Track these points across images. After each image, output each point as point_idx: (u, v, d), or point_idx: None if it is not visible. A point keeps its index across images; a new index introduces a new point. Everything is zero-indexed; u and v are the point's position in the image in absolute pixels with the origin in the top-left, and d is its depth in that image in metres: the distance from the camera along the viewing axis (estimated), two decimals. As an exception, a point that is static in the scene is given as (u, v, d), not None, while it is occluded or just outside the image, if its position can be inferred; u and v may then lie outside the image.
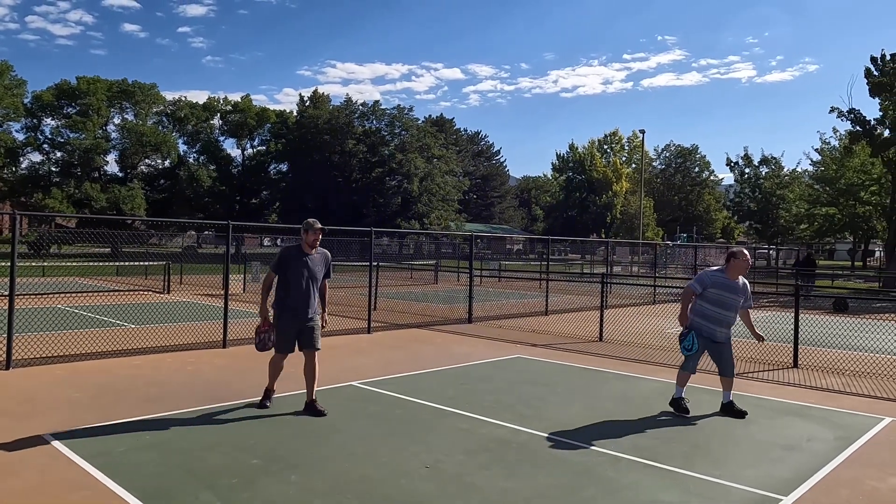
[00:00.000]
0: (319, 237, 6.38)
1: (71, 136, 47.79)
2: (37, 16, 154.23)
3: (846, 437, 6.09)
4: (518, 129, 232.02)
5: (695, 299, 6.85)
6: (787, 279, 27.29)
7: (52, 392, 7.01)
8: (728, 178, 69.11)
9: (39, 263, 23.92)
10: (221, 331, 10.19)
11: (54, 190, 44.98)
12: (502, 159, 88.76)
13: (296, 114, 57.65)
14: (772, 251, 46.43)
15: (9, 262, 8.29)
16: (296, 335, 6.38)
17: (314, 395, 6.41)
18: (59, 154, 48.83)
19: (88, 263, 24.85)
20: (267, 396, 6.56)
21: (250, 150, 58.59)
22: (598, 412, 6.76)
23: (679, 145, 74.24)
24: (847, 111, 28.60)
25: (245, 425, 5.93)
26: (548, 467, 5.03)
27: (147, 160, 53.73)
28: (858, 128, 28.54)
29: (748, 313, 7.01)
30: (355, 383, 7.76)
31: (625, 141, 77.40)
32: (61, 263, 25.39)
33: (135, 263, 24.25)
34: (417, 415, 6.46)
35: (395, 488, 4.54)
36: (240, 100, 57.01)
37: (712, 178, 74.05)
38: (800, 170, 58.77)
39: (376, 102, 55.61)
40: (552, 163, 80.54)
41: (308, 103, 57.21)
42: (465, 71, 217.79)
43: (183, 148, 55.89)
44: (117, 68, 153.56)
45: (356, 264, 26.79)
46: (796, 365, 9.68)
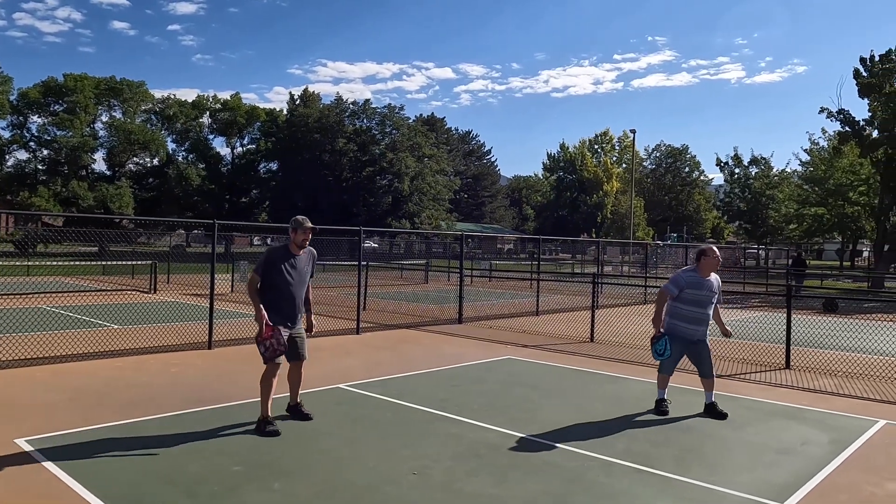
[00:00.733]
0: (309, 237, 5.89)
1: (58, 133, 47.35)
2: (25, 13, 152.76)
3: (841, 440, 6.00)
4: (509, 128, 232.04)
5: (670, 301, 6.72)
6: (777, 279, 27.34)
7: (30, 395, 6.82)
8: (718, 178, 69.29)
9: (24, 263, 23.57)
10: (207, 332, 10.01)
11: (41, 188, 44.55)
12: (493, 159, 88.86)
13: (286, 112, 57.30)
14: (761, 251, 46.62)
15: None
16: None
17: (299, 399, 6.22)
18: (45, 152, 48.35)
19: (74, 263, 24.50)
20: (270, 423, 5.67)
21: (240, 149, 58.23)
22: (590, 414, 6.64)
23: (669, 145, 74.36)
24: (836, 112, 28.64)
25: (228, 430, 5.76)
26: (538, 473, 4.90)
27: (135, 158, 53.33)
28: (848, 128, 28.57)
29: (718, 309, 6.89)
30: (343, 386, 7.60)
31: (615, 141, 77.57)
32: (47, 263, 25.04)
33: (121, 263, 23.96)
34: (406, 418, 6.32)
35: (382, 495, 4.40)
36: (229, 98, 56.60)
37: (702, 178, 74.22)
38: (789, 170, 58.99)
39: (367, 101, 55.37)
40: (543, 162, 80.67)
41: (298, 102, 56.89)
42: (456, 70, 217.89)
43: (172, 146, 55.51)
44: (106, 66, 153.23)
45: (345, 264, 26.58)
46: (788, 366, 9.61)
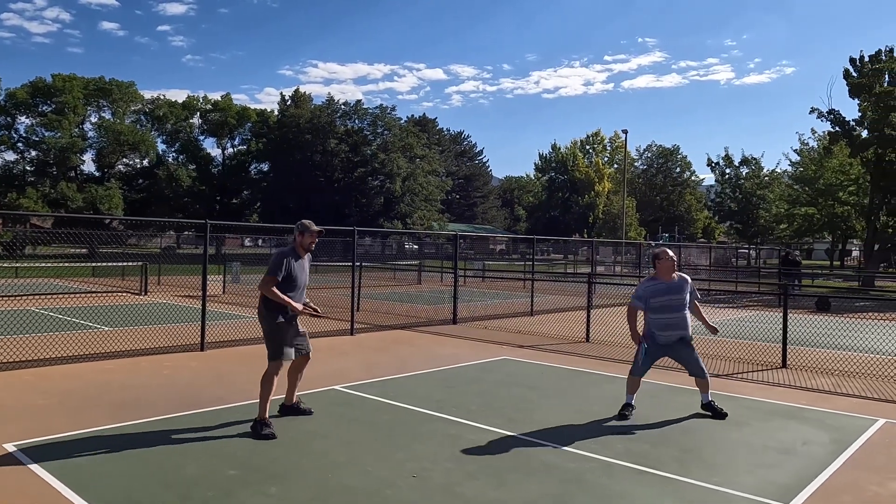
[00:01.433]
0: (316, 240, 6.05)
1: (46, 134, 46.98)
2: (13, 13, 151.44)
3: (841, 439, 5.96)
4: (500, 129, 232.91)
5: (645, 313, 6.57)
6: (768, 279, 27.42)
7: (18, 399, 6.68)
8: (709, 178, 69.55)
9: (12, 265, 23.30)
10: (199, 333, 9.89)
11: (29, 189, 44.16)
12: (485, 159, 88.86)
13: (277, 113, 57.06)
14: (752, 251, 46.84)
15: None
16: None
17: (296, 399, 6.24)
18: (34, 153, 47.95)
19: (63, 264, 24.25)
20: (268, 425, 5.67)
21: (231, 150, 57.96)
22: (588, 415, 6.58)
23: (660, 146, 74.58)
24: (827, 112, 28.76)
25: (223, 433, 5.66)
26: (538, 475, 4.82)
27: (125, 159, 52.98)
28: (838, 128, 28.70)
29: (698, 306, 6.75)
30: (338, 387, 7.51)
31: (606, 141, 77.73)
32: (36, 265, 24.77)
33: (111, 264, 23.73)
34: (403, 420, 6.23)
35: (381, 499, 4.31)
36: (220, 98, 56.31)
37: (693, 178, 74.50)
38: (779, 170, 59.29)
39: (358, 102, 55.21)
40: (535, 163, 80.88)
41: (290, 102, 56.69)
42: (447, 71, 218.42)
43: (162, 147, 55.20)
44: (95, 67, 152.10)
45: (339, 264, 26.42)
46: (785, 365, 9.59)
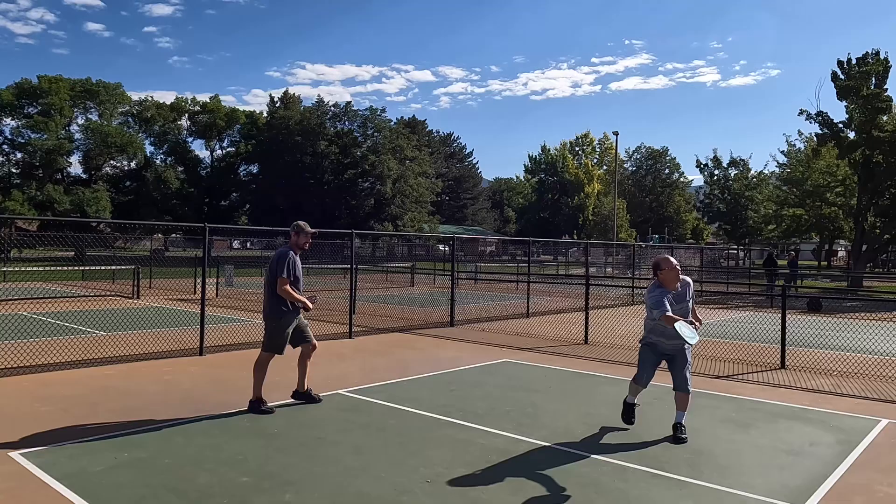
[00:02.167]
0: (310, 241, 6.75)
1: (32, 136, 46.37)
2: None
3: (848, 440, 6.00)
4: (489, 131, 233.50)
5: (647, 314, 6.05)
6: (758, 279, 27.64)
7: (19, 406, 6.58)
8: (698, 179, 70.02)
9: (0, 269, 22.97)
10: (196, 337, 9.80)
11: (15, 192, 43.56)
12: (475, 161, 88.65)
13: (266, 115, 56.77)
14: (741, 251, 47.19)
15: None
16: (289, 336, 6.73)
17: (307, 386, 6.90)
18: (19, 155, 47.39)
19: (53, 268, 23.95)
20: (264, 402, 6.49)
21: (219, 152, 57.62)
22: (595, 418, 6.58)
23: (649, 147, 75.06)
24: (815, 114, 29.05)
25: (230, 439, 5.60)
26: (554, 479, 4.81)
27: (112, 161, 52.46)
28: (826, 130, 28.99)
29: (694, 308, 6.38)
30: (342, 391, 7.46)
31: (596, 143, 78.05)
32: (24, 268, 24.45)
33: (101, 268, 23.47)
34: (411, 424, 6.20)
35: (397, 506, 4.28)
36: (209, 100, 55.96)
37: (682, 179, 75.00)
38: (767, 171, 59.81)
39: (348, 104, 55.05)
40: (524, 165, 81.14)
41: (279, 104, 56.40)
42: (435, 73, 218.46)
43: (149, 149, 54.73)
44: (80, 68, 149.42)
45: (335, 267, 26.31)
46: (783, 366, 9.65)
